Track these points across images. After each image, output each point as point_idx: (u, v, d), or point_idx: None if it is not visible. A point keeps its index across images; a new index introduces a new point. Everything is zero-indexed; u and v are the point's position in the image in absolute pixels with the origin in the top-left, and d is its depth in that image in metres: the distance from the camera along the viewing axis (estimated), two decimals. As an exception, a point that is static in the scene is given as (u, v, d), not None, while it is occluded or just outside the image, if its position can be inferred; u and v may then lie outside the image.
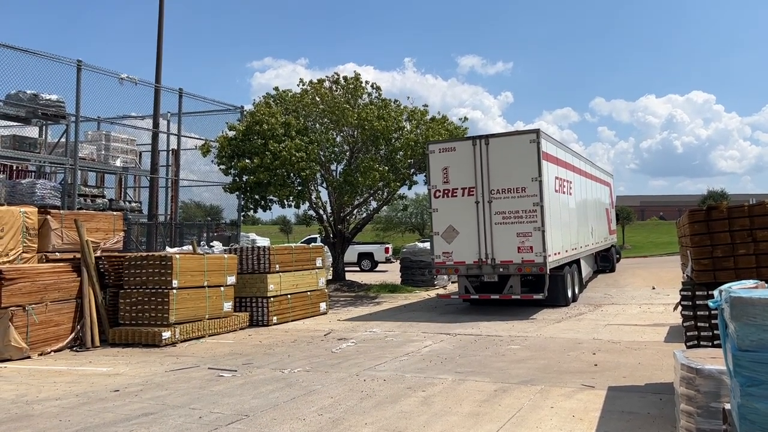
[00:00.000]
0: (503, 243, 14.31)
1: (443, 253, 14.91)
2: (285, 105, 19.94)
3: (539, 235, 13.99)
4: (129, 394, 7.74)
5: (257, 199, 19.32)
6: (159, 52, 19.63)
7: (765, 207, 6.25)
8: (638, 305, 15.38)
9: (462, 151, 14.92)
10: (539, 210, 14.05)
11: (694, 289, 6.44)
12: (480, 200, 14.64)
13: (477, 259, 14.53)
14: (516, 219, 14.24)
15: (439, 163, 15.15)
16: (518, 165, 14.30)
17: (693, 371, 4.24)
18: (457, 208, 14.84)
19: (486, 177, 14.60)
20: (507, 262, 14.27)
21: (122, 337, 11.80)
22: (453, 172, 14.96)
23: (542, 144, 14.32)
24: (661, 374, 7.84)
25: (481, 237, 14.53)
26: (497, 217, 14.43)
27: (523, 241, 14.10)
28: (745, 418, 2.81)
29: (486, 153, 14.66)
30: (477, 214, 14.63)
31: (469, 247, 14.61)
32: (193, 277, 12.29)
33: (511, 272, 14.31)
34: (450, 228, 14.84)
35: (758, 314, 2.79)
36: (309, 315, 15.16)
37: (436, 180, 15.16)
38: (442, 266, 15.02)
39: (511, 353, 9.78)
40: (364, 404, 6.92)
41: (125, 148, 18.64)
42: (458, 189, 14.89)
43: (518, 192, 14.29)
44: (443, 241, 14.91)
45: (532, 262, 13.99)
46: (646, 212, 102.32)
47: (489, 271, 14.48)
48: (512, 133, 15.31)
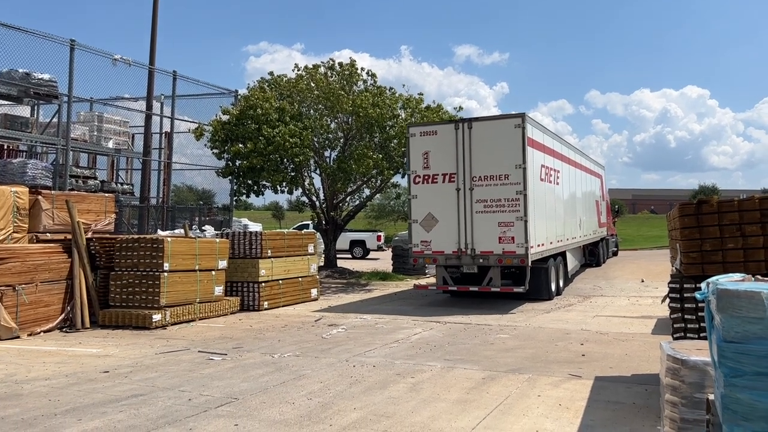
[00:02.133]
0: (484, 233, 13.74)
1: (422, 241, 14.35)
2: (279, 90, 19.86)
3: (521, 226, 13.42)
4: (119, 376, 7.75)
5: (250, 184, 19.29)
6: (153, 33, 19.47)
7: (754, 202, 6.31)
8: (627, 297, 15.51)
9: (444, 135, 14.26)
10: (522, 199, 13.45)
11: (682, 282, 6.51)
12: (461, 187, 14.01)
13: (456, 249, 13.95)
14: (498, 208, 13.67)
15: (419, 147, 14.49)
16: (502, 151, 13.67)
17: (678, 362, 4.30)
18: (437, 195, 14.23)
19: (468, 163, 13.96)
20: (487, 253, 13.71)
21: (112, 319, 11.79)
22: (434, 157, 14.31)
23: (528, 129, 13.69)
24: (647, 365, 7.94)
25: (461, 226, 13.94)
26: (478, 206, 13.84)
27: (504, 231, 13.54)
28: (728, 408, 2.86)
29: (469, 137, 13.99)
30: (458, 202, 14.01)
31: (449, 237, 14.04)
32: (184, 261, 12.28)
33: (491, 263, 13.76)
34: (429, 216, 14.25)
35: (743, 306, 2.83)
36: (300, 301, 15.19)
37: (416, 165, 14.52)
38: (420, 255, 14.44)
39: (500, 342, 9.86)
40: (353, 389, 6.97)
41: (118, 129, 18.51)
42: (439, 175, 14.25)
43: (501, 179, 13.67)
44: (422, 230, 14.34)
45: (513, 253, 13.45)
46: (637, 206, 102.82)
47: (468, 262, 13.92)
48: (496, 117, 14.56)
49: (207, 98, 21.60)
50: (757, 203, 6.29)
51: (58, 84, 16.09)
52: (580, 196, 20.48)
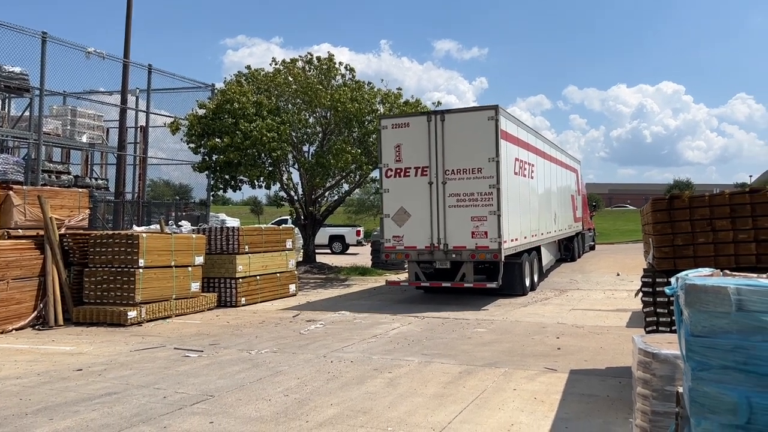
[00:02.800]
0: (457, 227, 13.48)
1: (393, 237, 14.02)
2: (257, 84, 19.69)
3: (494, 220, 13.17)
4: (92, 374, 7.65)
5: (227, 179, 19.13)
6: (128, 26, 19.16)
7: (724, 197, 6.41)
8: (603, 291, 15.69)
9: (416, 128, 13.91)
10: (495, 193, 13.19)
11: (655, 276, 6.60)
12: (434, 181, 13.69)
13: (429, 244, 13.67)
14: (471, 202, 13.38)
15: (391, 139, 14.12)
16: (475, 144, 13.38)
17: (650, 356, 4.35)
18: (410, 189, 13.90)
19: (441, 156, 13.65)
20: (460, 248, 13.45)
21: (87, 316, 11.64)
22: (406, 149, 13.97)
23: (501, 122, 13.41)
24: (621, 358, 8.04)
25: (433, 220, 13.66)
26: (451, 200, 13.54)
27: (477, 226, 13.27)
28: (695, 401, 2.90)
29: (441, 130, 13.65)
30: (430, 196, 13.71)
31: (421, 232, 13.74)
32: (160, 257, 12.15)
33: (464, 258, 13.51)
34: (401, 210, 13.93)
35: (711, 301, 2.88)
36: (278, 296, 15.12)
37: (387, 158, 14.16)
38: (391, 251, 14.08)
39: (477, 336, 9.91)
40: (330, 385, 6.97)
41: (92, 123, 18.24)
42: (411, 168, 13.91)
43: (474, 173, 13.38)
44: (394, 224, 14.01)
45: (486, 248, 13.21)
46: (614, 200, 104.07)
47: (441, 257, 13.65)
48: (469, 109, 14.34)
49: (183, 92, 21.36)
50: (727, 198, 6.39)
51: (29, 77, 15.80)
52: (555, 191, 20.30)
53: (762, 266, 6.06)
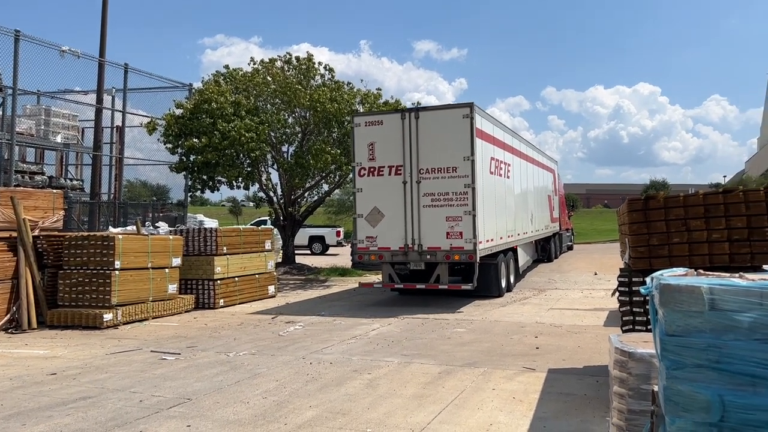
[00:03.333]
0: (431, 228, 13.16)
1: (367, 237, 13.62)
2: (235, 84, 19.55)
3: (470, 220, 12.87)
4: (67, 378, 7.53)
5: (205, 180, 18.95)
6: (103, 25, 18.90)
7: (698, 198, 6.51)
8: (580, 290, 15.84)
9: (390, 125, 13.56)
10: (470, 192, 12.90)
11: (631, 276, 6.67)
12: (408, 180, 13.36)
13: (403, 245, 13.33)
14: (446, 201, 13.07)
15: (364, 137, 13.74)
16: (450, 142, 13.08)
17: (626, 354, 4.39)
18: (384, 189, 13.54)
19: (415, 154, 13.33)
20: (435, 249, 13.14)
21: (61, 319, 11.45)
22: (380, 148, 13.59)
23: (476, 120, 13.12)
24: (599, 357, 8.11)
25: (408, 221, 13.31)
26: (426, 199, 13.22)
27: (452, 226, 12.97)
28: (670, 399, 2.93)
29: (416, 128, 13.33)
30: (404, 196, 13.37)
31: (395, 232, 13.39)
32: (136, 258, 12.00)
33: (438, 260, 13.18)
34: (375, 210, 13.56)
35: (684, 301, 2.91)
36: (257, 298, 15.02)
37: (361, 157, 13.78)
38: (365, 252, 13.68)
39: (457, 336, 9.94)
40: (309, 387, 6.93)
41: (66, 123, 17.95)
42: (385, 167, 13.55)
43: (449, 172, 13.07)
44: (367, 225, 13.62)
45: (461, 249, 12.92)
46: (591, 200, 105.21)
47: (415, 258, 13.31)
48: (444, 106, 14.00)
49: (160, 92, 21.13)
50: (701, 199, 6.49)
51: (2, 76, 15.51)
52: (532, 191, 20.12)
53: (735, 265, 6.17)
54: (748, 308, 2.79)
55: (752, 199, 6.38)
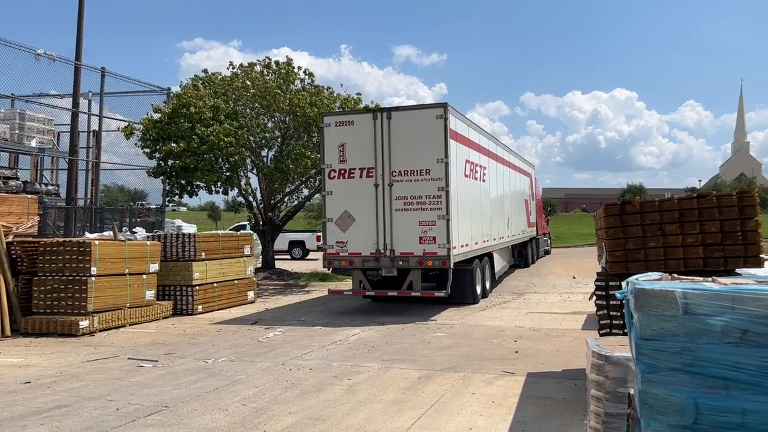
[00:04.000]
0: (404, 232, 12.66)
1: (337, 242, 13.08)
2: (214, 88, 19.42)
3: (443, 225, 12.42)
4: (41, 386, 7.40)
5: (183, 185, 18.79)
6: (80, 27, 18.65)
7: (673, 202, 6.61)
8: (559, 294, 15.97)
9: (361, 126, 13.05)
10: (444, 196, 12.44)
11: (608, 280, 6.75)
12: (380, 183, 12.84)
13: (374, 251, 12.80)
14: (419, 205, 12.61)
15: (335, 138, 13.20)
16: (423, 143, 12.61)
17: (603, 358, 4.44)
18: (354, 192, 13.03)
19: (387, 156, 12.83)
20: (407, 254, 12.65)
21: (36, 327, 11.25)
22: (351, 149, 13.08)
23: (451, 121, 12.68)
24: (577, 360, 8.19)
25: (379, 225, 12.80)
26: (398, 203, 12.74)
27: (425, 231, 12.51)
28: (645, 402, 2.97)
29: (388, 129, 12.84)
30: (376, 199, 12.85)
31: (366, 237, 12.87)
32: (113, 264, 11.84)
33: (411, 266, 12.68)
34: (345, 214, 13.03)
35: (659, 305, 2.95)
36: (236, 304, 14.91)
37: (331, 158, 13.25)
38: (334, 258, 13.15)
39: (437, 341, 9.96)
40: (288, 393, 6.90)
41: (42, 128, 17.67)
42: (356, 169, 13.04)
43: (422, 174, 12.62)
44: (337, 229, 13.10)
45: (434, 254, 12.44)
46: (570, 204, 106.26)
47: (387, 264, 12.80)
48: (417, 106, 13.46)
49: (138, 96, 20.84)
50: (676, 203, 6.59)
51: (-26, 79, 15.23)
52: (509, 195, 19.83)
53: (709, 269, 6.27)
54: (721, 312, 2.83)
55: (725, 204, 6.50)
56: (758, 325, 2.76)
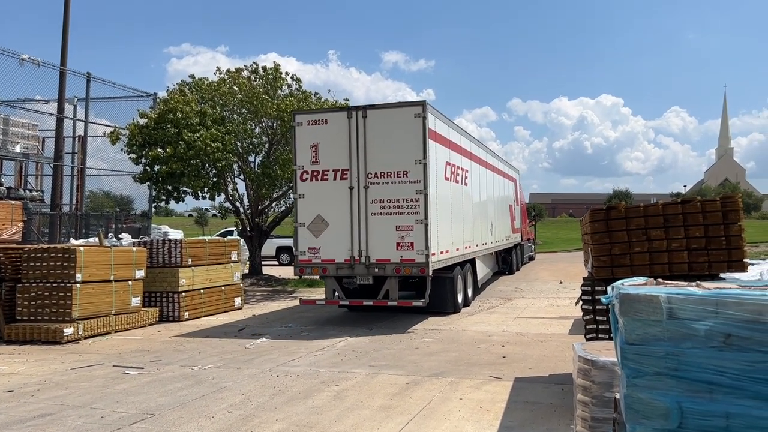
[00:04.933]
0: (380, 238, 12.00)
1: (309, 249, 12.34)
2: (201, 93, 19.35)
3: (421, 230, 11.77)
4: (25, 395, 7.31)
5: (169, 190, 18.68)
6: (65, 32, 18.53)
7: (658, 208, 6.67)
8: (546, 299, 16.03)
9: (335, 125, 12.36)
10: (422, 199, 11.79)
11: (594, 285, 6.79)
12: (354, 185, 12.16)
13: (349, 257, 12.11)
14: (396, 209, 11.96)
15: (307, 138, 12.51)
16: (400, 143, 11.96)
17: (589, 363, 4.46)
18: (328, 195, 12.34)
19: (362, 157, 12.15)
20: (383, 261, 11.98)
21: (20, 334, 11.12)
22: (324, 149, 12.39)
23: (429, 120, 12.04)
24: (564, 365, 8.21)
25: (354, 230, 12.12)
26: (374, 207, 12.07)
27: (402, 236, 11.86)
28: (631, 407, 2.99)
29: (363, 128, 12.17)
30: (351, 203, 12.17)
31: (340, 243, 12.18)
32: (98, 271, 11.74)
33: (387, 273, 12.00)
34: (318, 218, 12.35)
35: (644, 310, 2.97)
36: (223, 310, 14.82)
37: (303, 159, 12.51)
38: (307, 265, 12.39)
39: (425, 346, 9.96)
40: (275, 400, 6.86)
41: (26, 133, 17.51)
42: (329, 171, 12.35)
43: (399, 176, 11.97)
44: (310, 235, 12.37)
45: (412, 261, 11.81)
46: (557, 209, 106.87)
47: (363, 272, 12.11)
48: (394, 104, 12.63)
49: (124, 101, 20.78)
50: (661, 209, 6.65)
51: (-43, 84, 15.08)
52: (493, 200, 19.18)
53: (693, 274, 6.33)
54: (704, 316, 2.86)
55: (709, 209, 6.57)
56: (741, 329, 2.79)
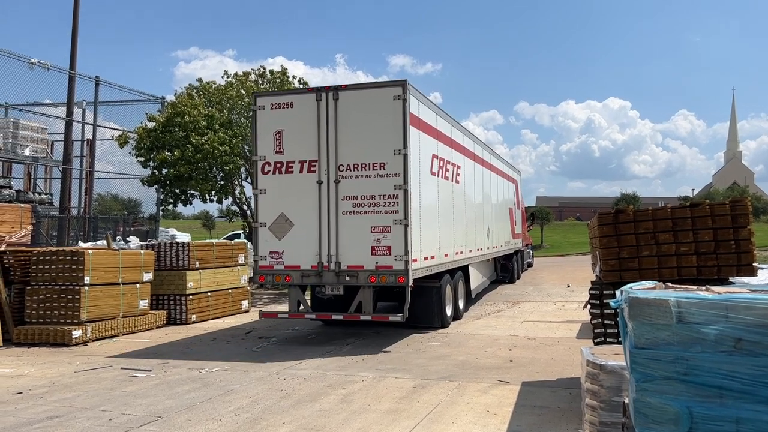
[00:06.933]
0: (352, 241, 10.38)
1: (271, 253, 10.72)
2: (208, 97, 19.47)
3: (400, 231, 10.14)
4: (33, 397, 7.34)
5: (177, 193, 18.78)
6: (74, 37, 18.68)
7: (666, 211, 6.65)
8: (554, 302, 15.98)
9: (302, 109, 10.71)
10: (402, 195, 10.17)
11: (602, 289, 6.77)
12: (324, 179, 10.53)
13: (316, 263, 10.48)
14: (371, 207, 10.33)
15: (270, 124, 10.85)
16: (376, 131, 10.34)
17: (597, 367, 4.44)
18: (293, 190, 10.72)
19: (333, 147, 10.52)
20: (356, 268, 10.35)
21: (28, 337, 11.18)
22: (289, 137, 10.75)
23: (411, 104, 10.42)
24: (571, 369, 8.18)
25: (323, 232, 10.49)
26: (346, 204, 10.44)
27: (378, 239, 10.24)
28: (640, 412, 2.97)
29: (335, 113, 10.53)
30: (319, 199, 10.55)
31: (307, 246, 10.56)
32: (106, 274, 11.79)
33: (361, 282, 10.37)
34: (282, 218, 10.72)
35: (653, 314, 2.96)
36: (230, 313, 14.86)
37: (265, 149, 10.86)
38: (267, 272, 10.75)
39: (432, 350, 9.94)
40: (282, 403, 6.86)
41: (35, 136, 17.65)
42: (295, 163, 10.70)
43: (375, 169, 10.33)
44: (272, 236, 10.75)
45: (389, 268, 10.15)
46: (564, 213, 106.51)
47: (331, 280, 10.49)
48: (370, 84, 10.99)
49: (132, 105, 20.95)
50: (669, 212, 6.63)
51: (-32, 88, 15.22)
52: (490, 201, 17.64)
53: (702, 278, 6.29)
54: (714, 321, 2.85)
55: (718, 212, 6.54)
56: (752, 334, 2.77)
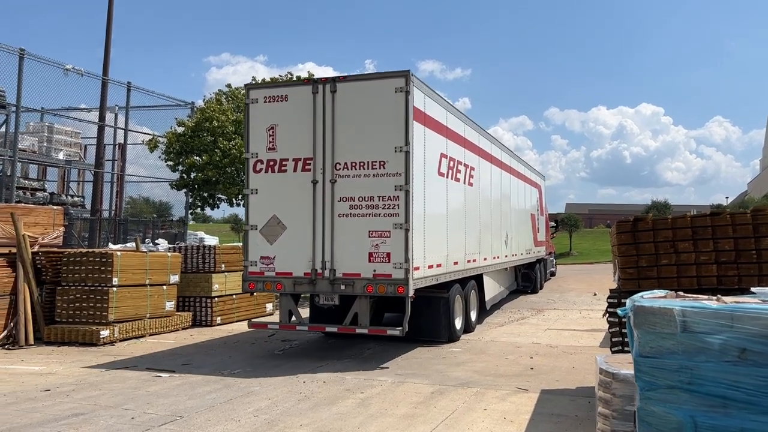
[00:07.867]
0: (349, 246, 9.60)
1: (262, 258, 10.00)
2: (237, 102, 19.76)
3: (401, 236, 9.34)
4: (60, 394, 7.56)
5: (205, 197, 19.10)
6: (107, 43, 19.16)
7: (686, 220, 6.57)
8: (579, 311, 15.82)
9: (297, 102, 9.99)
10: (403, 197, 9.37)
11: (620, 297, 6.71)
12: (319, 179, 9.78)
13: (309, 270, 9.74)
14: (369, 209, 9.55)
15: (263, 118, 10.15)
16: (376, 126, 9.57)
17: (610, 375, 4.43)
18: (286, 190, 9.99)
19: (330, 143, 9.77)
20: (352, 276, 9.55)
21: (58, 336, 11.49)
22: (283, 133, 10.03)
23: (416, 96, 9.68)
24: (592, 378, 8.09)
25: (317, 236, 9.74)
26: (342, 206, 9.68)
27: (377, 245, 9.45)
28: (644, 420, 2.98)
29: (332, 106, 9.81)
30: (314, 200, 9.80)
31: (300, 251, 9.81)
32: (134, 275, 12.06)
33: (357, 291, 9.57)
34: (274, 220, 10.00)
35: (658, 322, 2.96)
36: (255, 316, 15.01)
37: (257, 145, 10.16)
38: (258, 278, 10.03)
39: (452, 356, 9.94)
40: (301, 406, 6.95)
41: (69, 140, 18.16)
42: (289, 160, 9.98)
43: (374, 168, 9.55)
44: (263, 240, 10.02)
45: (387, 277, 9.36)
46: (594, 220, 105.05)
47: (326, 289, 9.71)
48: (370, 75, 10.11)
49: (163, 110, 21.39)
50: (689, 221, 6.55)
51: (6, 94, 15.72)
52: (510, 206, 16.75)
53: (723, 287, 6.21)
54: (719, 330, 2.84)
55: (739, 222, 6.44)
56: (757, 344, 2.76)
